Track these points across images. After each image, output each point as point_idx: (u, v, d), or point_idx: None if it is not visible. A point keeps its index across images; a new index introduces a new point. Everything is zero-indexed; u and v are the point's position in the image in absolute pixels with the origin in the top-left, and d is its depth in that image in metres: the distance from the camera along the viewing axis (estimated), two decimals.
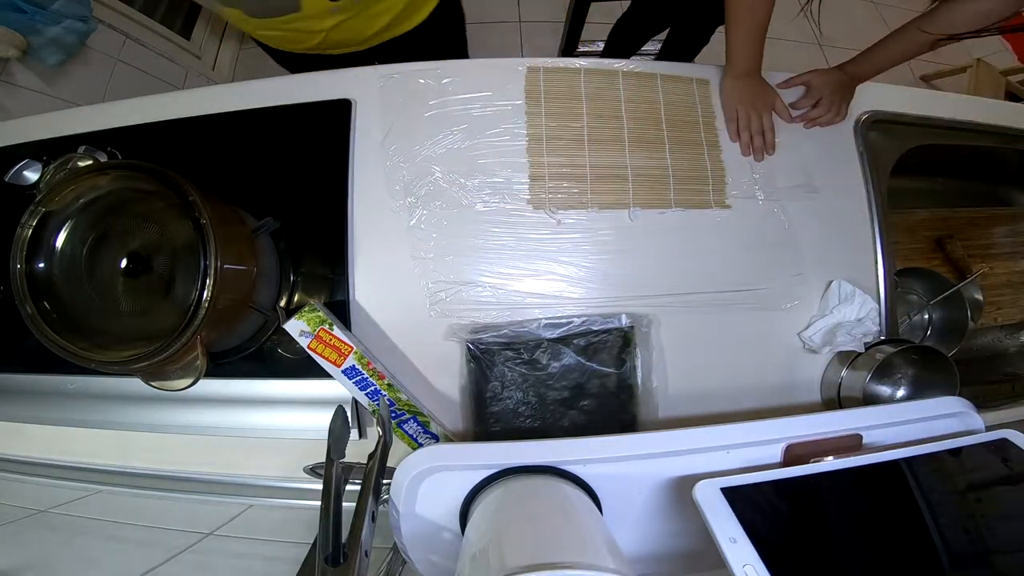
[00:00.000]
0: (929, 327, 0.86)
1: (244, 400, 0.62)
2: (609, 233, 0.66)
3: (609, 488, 0.46)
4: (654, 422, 0.62)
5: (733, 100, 0.71)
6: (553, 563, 0.31)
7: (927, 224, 0.92)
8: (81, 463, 0.65)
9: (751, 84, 0.71)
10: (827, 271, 0.68)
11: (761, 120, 0.71)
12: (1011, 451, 0.46)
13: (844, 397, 0.64)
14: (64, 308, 0.51)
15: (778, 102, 0.72)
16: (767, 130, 0.71)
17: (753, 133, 0.70)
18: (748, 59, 0.69)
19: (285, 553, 0.58)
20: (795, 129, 0.73)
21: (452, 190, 0.65)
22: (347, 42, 0.77)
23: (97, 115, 0.71)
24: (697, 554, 0.47)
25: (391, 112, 0.68)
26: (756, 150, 0.71)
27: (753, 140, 0.70)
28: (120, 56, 1.46)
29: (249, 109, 0.69)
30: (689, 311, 0.65)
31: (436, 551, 0.47)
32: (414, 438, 0.57)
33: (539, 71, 0.70)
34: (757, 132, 0.70)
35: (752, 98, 0.71)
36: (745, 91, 0.71)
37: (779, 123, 0.73)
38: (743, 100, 0.71)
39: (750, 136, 0.71)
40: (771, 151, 0.71)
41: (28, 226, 0.50)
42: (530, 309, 0.64)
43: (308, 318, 0.55)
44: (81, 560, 0.58)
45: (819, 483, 0.43)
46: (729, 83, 0.72)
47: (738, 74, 0.71)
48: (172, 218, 0.53)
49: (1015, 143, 0.83)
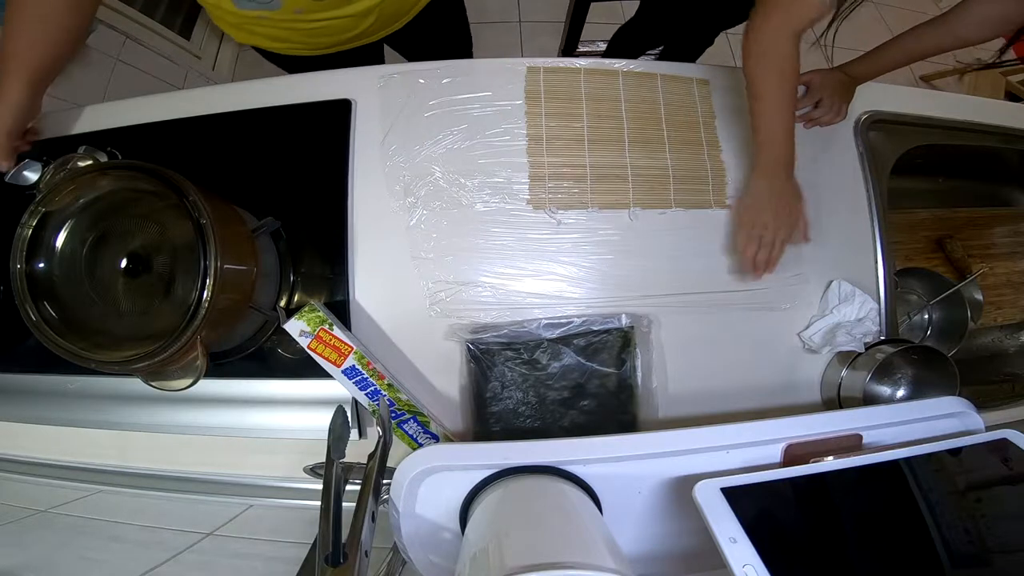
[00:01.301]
0: (929, 327, 0.86)
1: (244, 400, 0.62)
2: (609, 233, 0.66)
3: (609, 488, 0.46)
4: (654, 422, 0.62)
5: (766, 206, 0.59)
6: (553, 563, 0.31)
7: (927, 224, 0.92)
8: (81, 463, 0.65)
9: (788, 188, 0.60)
10: (827, 271, 0.68)
11: (777, 235, 0.59)
12: (1011, 451, 0.46)
13: (844, 397, 0.64)
14: (64, 308, 0.51)
15: (803, 222, 0.62)
16: (777, 247, 0.60)
17: (763, 246, 0.60)
18: (785, 144, 0.57)
19: (285, 553, 0.58)
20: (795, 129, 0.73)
21: (452, 190, 0.65)
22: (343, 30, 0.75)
23: (97, 115, 0.71)
24: (697, 554, 0.47)
25: (391, 112, 0.68)
26: (758, 266, 0.60)
27: (759, 254, 0.60)
28: (120, 56, 1.46)
29: (249, 109, 0.69)
30: (689, 311, 0.65)
31: (436, 551, 0.47)
32: (414, 438, 0.57)
33: (539, 71, 0.70)
34: (768, 245, 0.60)
35: (787, 207, 0.60)
36: (782, 197, 0.59)
37: None
38: (770, 209, 0.59)
39: (757, 249, 0.60)
40: (773, 269, 0.61)
41: (28, 226, 0.50)
42: (530, 309, 0.64)
43: (308, 318, 0.55)
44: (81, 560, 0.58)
45: (819, 483, 0.43)
46: (764, 184, 0.60)
47: (774, 172, 0.59)
48: (172, 218, 0.53)
49: (1015, 143, 0.83)
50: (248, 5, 0.63)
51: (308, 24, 0.68)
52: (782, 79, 0.55)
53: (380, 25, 0.75)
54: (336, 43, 0.76)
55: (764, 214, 0.60)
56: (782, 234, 0.60)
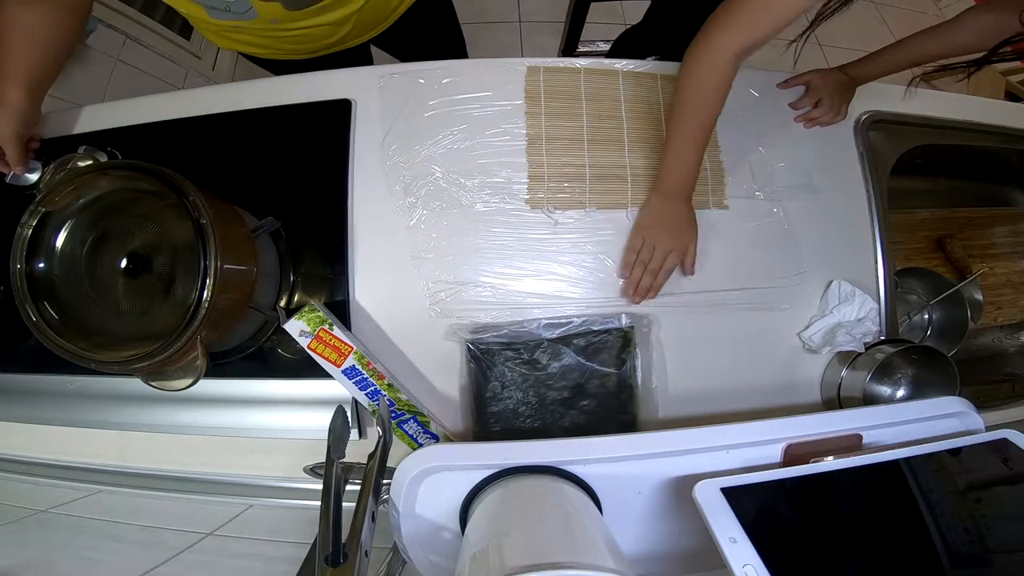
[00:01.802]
0: (929, 327, 0.86)
1: (244, 400, 0.62)
2: (608, 233, 0.66)
3: (609, 488, 0.46)
4: (654, 422, 0.62)
5: (649, 224, 0.62)
6: (553, 563, 0.31)
7: (927, 224, 0.92)
8: (81, 463, 0.65)
9: (680, 212, 0.61)
10: (827, 271, 0.68)
11: (663, 262, 0.60)
12: (1011, 451, 0.46)
13: (844, 397, 0.64)
14: (64, 308, 0.51)
15: (692, 251, 0.62)
16: (661, 274, 0.61)
17: (648, 271, 0.61)
18: (686, 175, 0.59)
19: (285, 553, 0.58)
20: (795, 129, 0.73)
21: (452, 190, 0.65)
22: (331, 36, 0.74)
23: (97, 115, 0.71)
24: (697, 554, 0.47)
25: (391, 112, 0.68)
26: (639, 292, 0.61)
27: (642, 279, 0.61)
28: (120, 56, 1.46)
29: (249, 109, 0.69)
30: (689, 311, 0.65)
31: (436, 551, 0.47)
32: (414, 438, 0.57)
33: (539, 71, 0.70)
34: (651, 272, 0.61)
35: (673, 231, 0.61)
36: (669, 219, 0.61)
37: (781, 123, 0.73)
38: (662, 229, 0.61)
39: (641, 273, 0.61)
40: (653, 296, 0.62)
41: (28, 226, 0.50)
42: (530, 309, 0.64)
43: (308, 318, 0.55)
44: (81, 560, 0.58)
45: (819, 483, 0.43)
46: (656, 201, 0.62)
47: (670, 193, 0.61)
48: (172, 218, 0.53)
49: (1015, 143, 0.83)
50: (222, 15, 0.63)
51: (285, 33, 0.69)
52: (708, 105, 0.56)
53: (360, 31, 0.75)
54: (318, 48, 0.76)
55: (658, 232, 0.61)
56: (671, 259, 0.60)
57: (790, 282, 0.67)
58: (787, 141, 0.72)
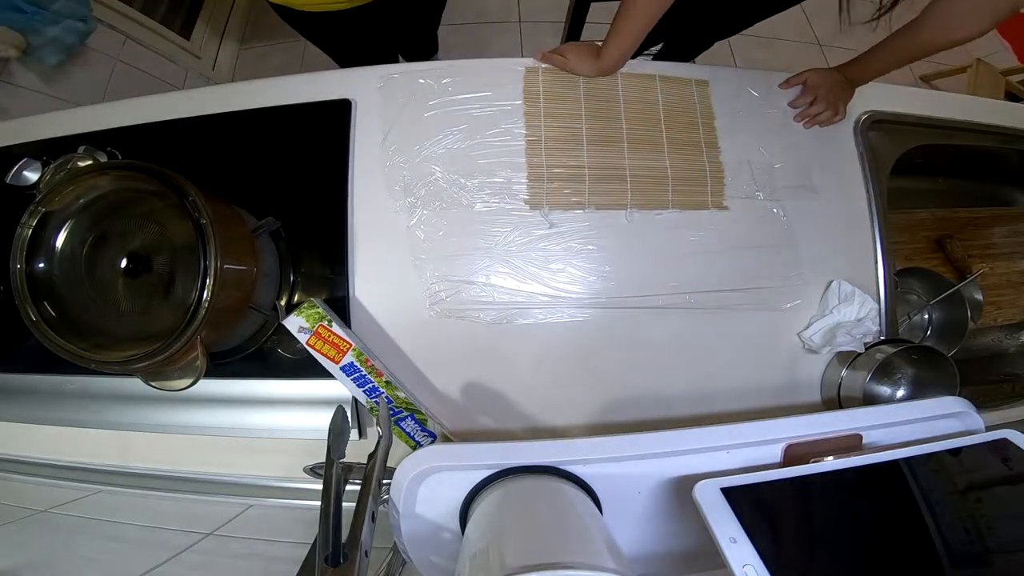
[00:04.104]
0: (929, 327, 0.86)
1: (244, 400, 0.62)
2: (607, 233, 0.66)
3: (609, 488, 0.46)
4: (654, 422, 0.62)
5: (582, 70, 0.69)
6: (553, 563, 0.31)
7: (927, 224, 0.92)
8: (81, 463, 0.65)
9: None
10: (827, 271, 0.68)
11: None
12: (1011, 451, 0.46)
13: (844, 397, 0.64)
14: (64, 308, 0.51)
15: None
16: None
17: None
18: (621, 54, 0.68)
19: (285, 553, 0.58)
20: (795, 129, 0.73)
21: (452, 190, 0.65)
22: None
23: (97, 115, 0.71)
24: (697, 554, 0.47)
25: (391, 112, 0.68)
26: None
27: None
28: (120, 56, 1.46)
29: (249, 109, 0.69)
30: (689, 311, 0.65)
31: (436, 551, 0.47)
32: (411, 436, 0.57)
33: (538, 71, 0.70)
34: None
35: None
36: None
37: (781, 123, 0.73)
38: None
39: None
40: None
41: (28, 226, 0.50)
42: (530, 309, 0.64)
43: (307, 314, 0.55)
44: (81, 560, 0.58)
45: (819, 483, 0.43)
46: (591, 66, 0.69)
47: (605, 66, 0.68)
48: (172, 218, 0.53)
49: (1015, 143, 0.83)
50: None
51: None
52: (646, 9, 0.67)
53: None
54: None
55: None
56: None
57: (790, 282, 0.67)
58: (787, 141, 0.72)
